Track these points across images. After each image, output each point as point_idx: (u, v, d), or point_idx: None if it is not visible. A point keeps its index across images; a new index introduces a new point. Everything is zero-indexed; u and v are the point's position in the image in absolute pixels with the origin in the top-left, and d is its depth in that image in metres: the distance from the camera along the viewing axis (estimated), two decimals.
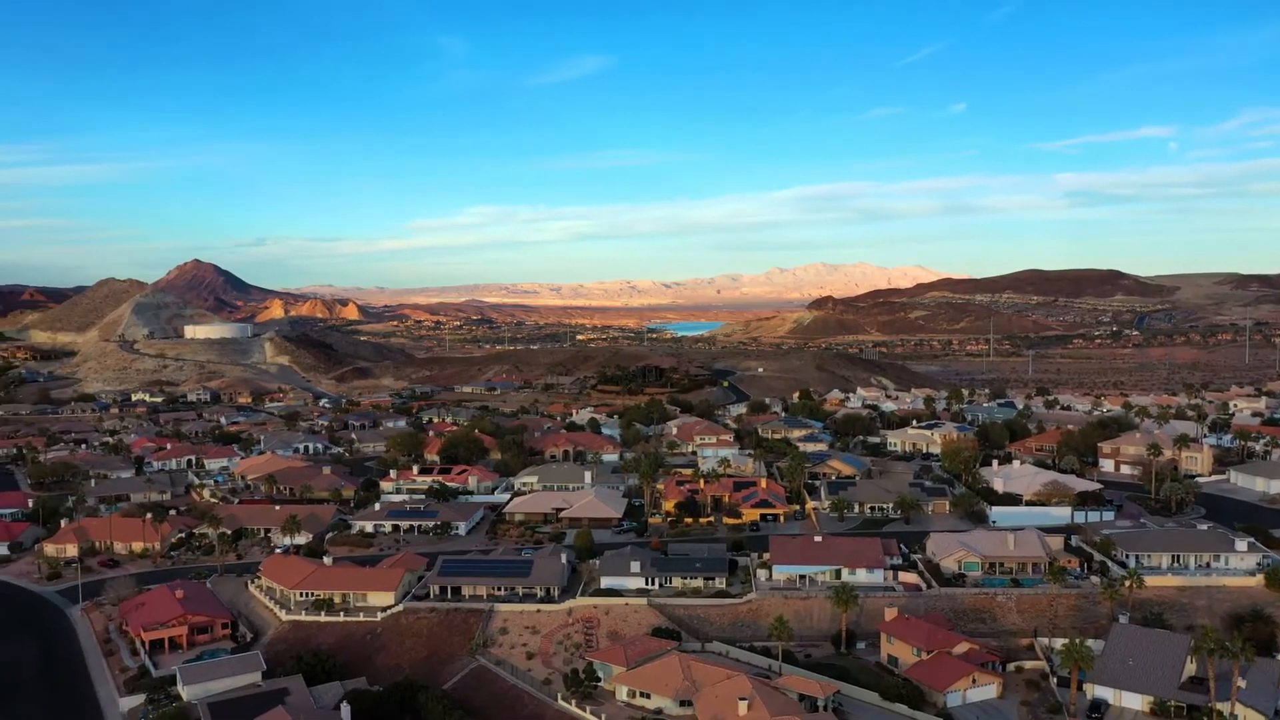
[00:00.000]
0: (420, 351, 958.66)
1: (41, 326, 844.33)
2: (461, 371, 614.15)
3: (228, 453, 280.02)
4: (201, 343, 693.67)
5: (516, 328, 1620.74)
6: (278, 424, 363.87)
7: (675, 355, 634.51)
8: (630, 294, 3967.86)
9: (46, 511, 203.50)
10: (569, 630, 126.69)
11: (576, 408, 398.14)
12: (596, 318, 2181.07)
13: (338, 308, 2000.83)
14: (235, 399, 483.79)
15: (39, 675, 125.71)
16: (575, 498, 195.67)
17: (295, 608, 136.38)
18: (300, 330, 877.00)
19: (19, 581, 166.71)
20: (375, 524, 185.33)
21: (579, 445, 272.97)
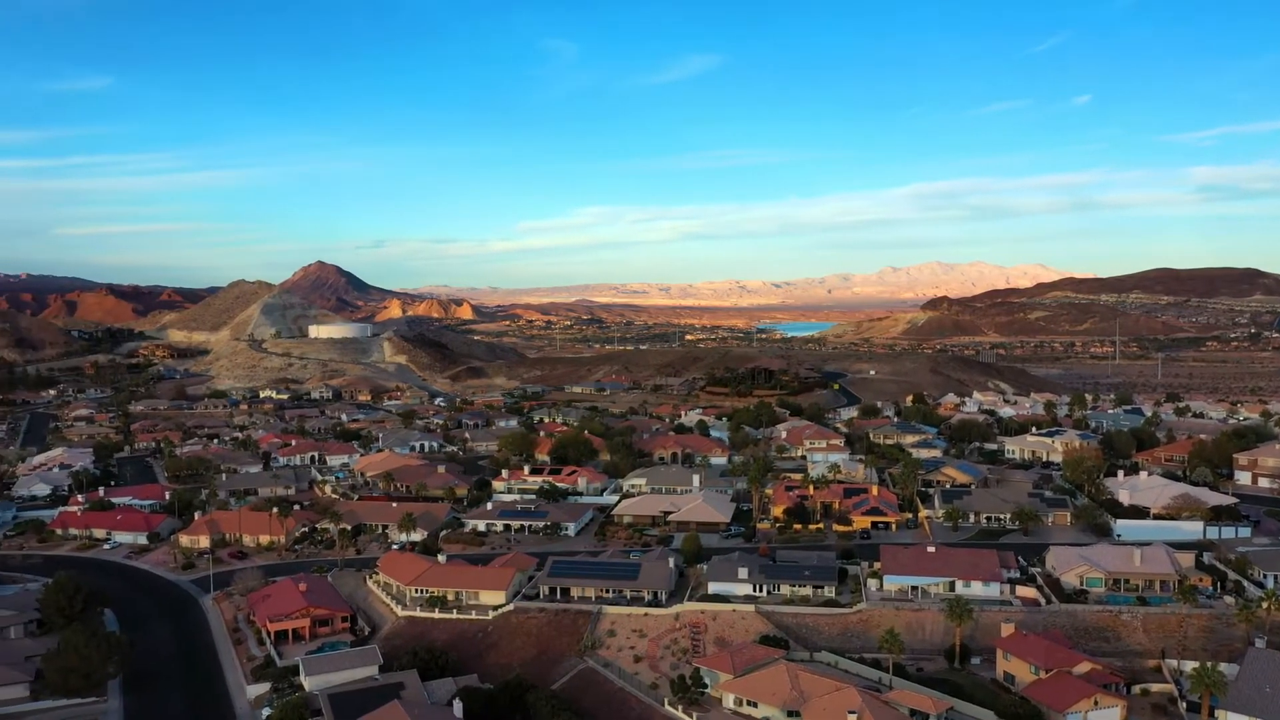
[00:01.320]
0: (531, 351, 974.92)
1: (178, 326, 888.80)
2: (571, 371, 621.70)
3: (348, 450, 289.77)
4: (324, 342, 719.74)
5: (626, 328, 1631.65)
6: (395, 422, 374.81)
7: (785, 357, 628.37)
8: (739, 294, 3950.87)
9: (182, 504, 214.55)
10: (676, 635, 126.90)
11: (685, 409, 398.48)
12: (705, 318, 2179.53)
13: (452, 308, 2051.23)
14: (355, 397, 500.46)
15: (175, 660, 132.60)
16: (683, 501, 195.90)
17: (410, 604, 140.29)
18: (417, 330, 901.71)
19: (157, 570, 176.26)
20: (487, 523, 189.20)
21: (687, 448, 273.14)
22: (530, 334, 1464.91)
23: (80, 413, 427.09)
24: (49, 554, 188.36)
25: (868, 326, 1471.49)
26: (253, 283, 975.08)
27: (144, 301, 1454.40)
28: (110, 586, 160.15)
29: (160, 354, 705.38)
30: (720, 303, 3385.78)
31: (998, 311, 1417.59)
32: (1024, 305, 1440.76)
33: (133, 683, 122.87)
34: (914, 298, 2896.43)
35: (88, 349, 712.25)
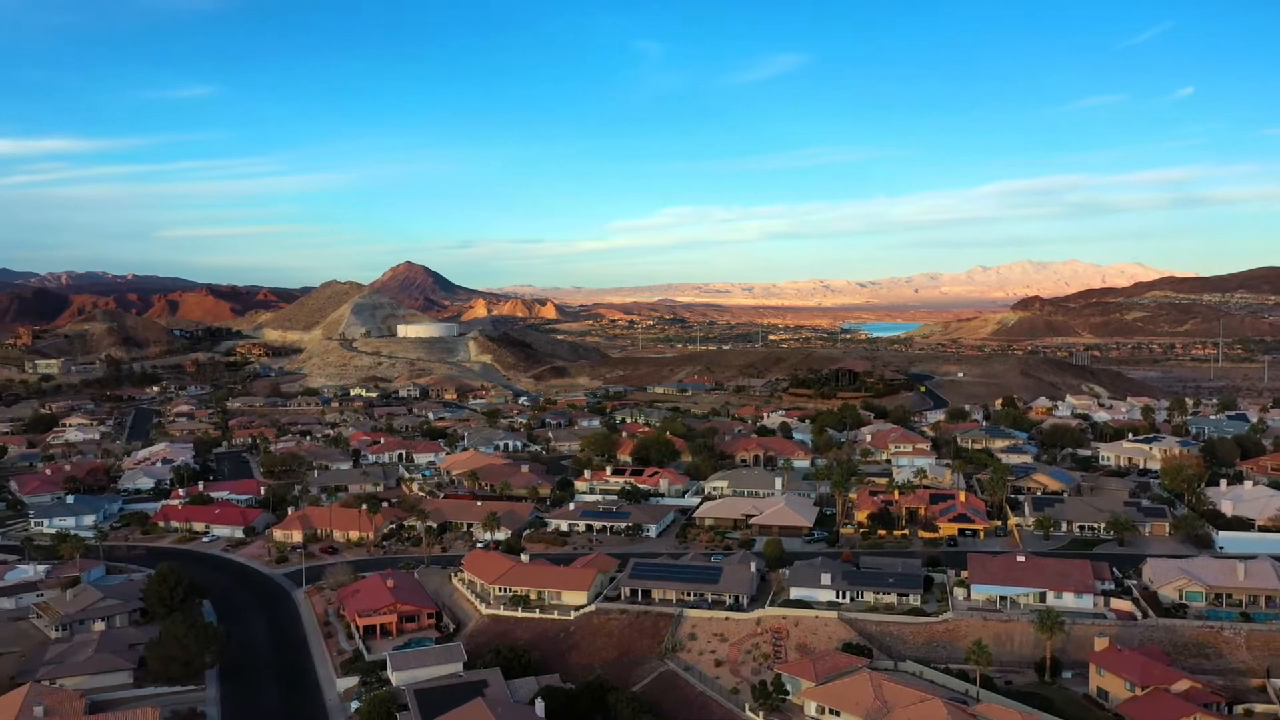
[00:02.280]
0: (614, 351, 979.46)
1: (273, 325, 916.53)
2: (654, 371, 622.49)
3: (434, 448, 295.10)
4: (412, 341, 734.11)
5: (708, 327, 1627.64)
6: (480, 421, 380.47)
7: (869, 358, 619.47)
8: (824, 293, 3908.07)
9: (276, 499, 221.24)
10: (757, 640, 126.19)
11: (767, 411, 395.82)
12: (789, 318, 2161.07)
13: (536, 307, 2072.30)
14: (442, 395, 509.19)
15: (269, 652, 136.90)
16: (765, 504, 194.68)
17: (494, 602, 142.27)
18: (501, 330, 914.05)
19: (252, 563, 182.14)
20: (570, 523, 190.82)
21: (769, 450, 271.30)
22: (613, 333, 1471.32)
23: (181, 409, 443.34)
24: (152, 545, 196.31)
25: (956, 327, 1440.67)
26: (344, 283, 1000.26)
27: (241, 301, 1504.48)
28: (209, 578, 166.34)
29: (256, 352, 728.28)
30: (804, 302, 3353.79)
31: (1093, 312, 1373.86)
32: (1121, 305, 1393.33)
33: (229, 672, 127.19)
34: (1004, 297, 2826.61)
35: (189, 347, 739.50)
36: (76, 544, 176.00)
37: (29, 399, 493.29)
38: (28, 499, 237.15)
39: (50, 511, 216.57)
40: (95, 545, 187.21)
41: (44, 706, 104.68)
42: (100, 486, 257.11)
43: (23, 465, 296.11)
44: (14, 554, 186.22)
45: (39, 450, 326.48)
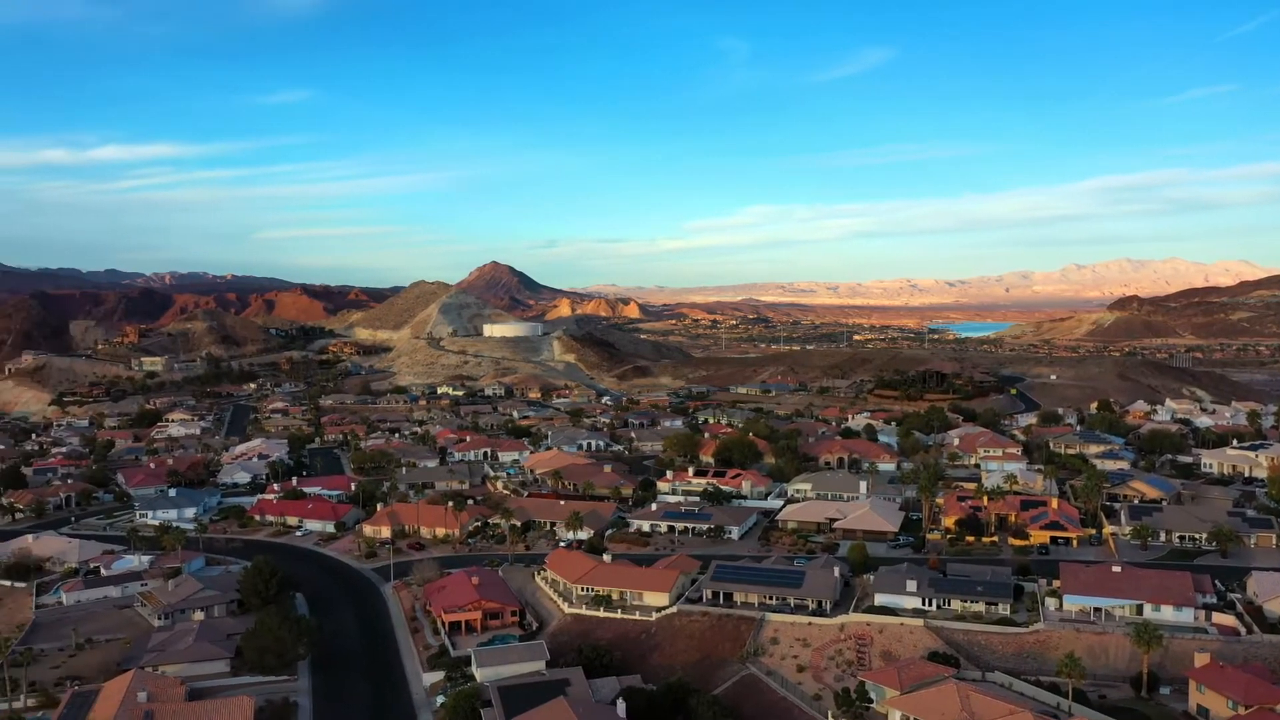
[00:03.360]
0: (697, 350, 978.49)
1: (364, 324, 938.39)
2: (737, 372, 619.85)
3: (519, 446, 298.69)
4: (498, 340, 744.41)
5: (792, 327, 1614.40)
6: (564, 420, 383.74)
7: (958, 359, 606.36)
8: (910, 293, 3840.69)
9: (366, 495, 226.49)
10: (841, 646, 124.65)
11: (852, 413, 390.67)
12: (874, 317, 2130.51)
13: (620, 306, 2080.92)
14: (526, 394, 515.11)
15: (358, 645, 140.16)
16: (849, 508, 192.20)
17: (576, 601, 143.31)
18: (585, 329, 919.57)
19: (343, 558, 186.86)
20: (652, 524, 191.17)
21: (854, 453, 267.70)
22: (696, 333, 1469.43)
23: (276, 406, 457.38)
24: (248, 539, 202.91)
25: (1049, 327, 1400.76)
26: (432, 283, 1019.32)
27: (334, 301, 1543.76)
28: (301, 571, 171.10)
29: (348, 351, 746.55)
30: (890, 302, 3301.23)
31: (1195, 312, 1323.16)
32: (1225, 305, 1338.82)
33: (320, 664, 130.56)
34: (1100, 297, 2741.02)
35: (283, 346, 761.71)
36: (178, 536, 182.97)
37: (135, 395, 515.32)
38: (134, 491, 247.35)
39: (154, 504, 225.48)
40: (195, 537, 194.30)
41: (147, 692, 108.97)
42: (200, 480, 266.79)
43: (129, 459, 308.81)
44: (120, 544, 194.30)
45: (144, 444, 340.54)
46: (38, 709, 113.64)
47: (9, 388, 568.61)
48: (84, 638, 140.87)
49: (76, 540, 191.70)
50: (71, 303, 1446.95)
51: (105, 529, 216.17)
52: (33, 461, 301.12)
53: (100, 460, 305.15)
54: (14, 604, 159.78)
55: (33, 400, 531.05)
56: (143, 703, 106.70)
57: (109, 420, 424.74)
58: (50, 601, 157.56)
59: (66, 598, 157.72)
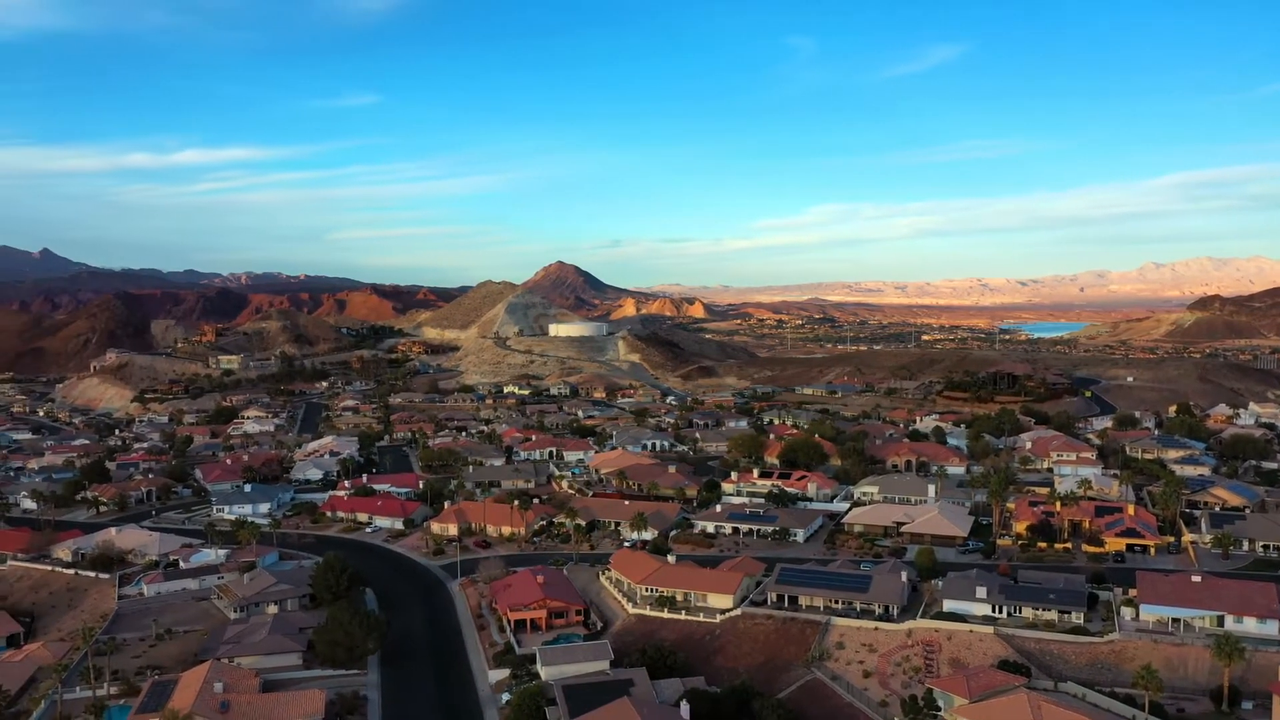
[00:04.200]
0: (762, 350, 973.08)
1: (432, 324, 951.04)
2: (802, 372, 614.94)
3: (584, 446, 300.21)
4: (563, 340, 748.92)
5: (859, 327, 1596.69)
6: (628, 420, 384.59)
7: (1030, 360, 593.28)
8: (981, 292, 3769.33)
9: (433, 493, 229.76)
10: (908, 652, 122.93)
11: (920, 414, 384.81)
12: (943, 317, 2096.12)
13: (685, 306, 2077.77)
14: (591, 393, 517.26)
15: (425, 641, 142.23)
16: (917, 512, 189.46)
17: (641, 602, 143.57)
18: (650, 329, 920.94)
19: (411, 554, 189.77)
20: (716, 525, 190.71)
21: (922, 455, 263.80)
22: (761, 333, 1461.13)
23: (347, 404, 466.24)
24: (320, 534, 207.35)
25: (1125, 328, 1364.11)
26: (499, 283, 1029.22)
27: (403, 300, 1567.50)
28: (371, 567, 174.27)
29: (416, 350, 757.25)
30: (960, 301, 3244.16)
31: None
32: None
33: (389, 658, 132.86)
34: (1179, 296, 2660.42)
35: (354, 345, 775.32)
36: (253, 530, 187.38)
37: (213, 392, 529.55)
38: (211, 487, 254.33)
39: (230, 499, 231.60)
40: (269, 532, 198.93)
41: (224, 683, 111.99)
42: (274, 476, 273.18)
43: (206, 455, 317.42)
44: (198, 538, 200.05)
45: (220, 441, 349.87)
46: (120, 697, 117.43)
47: (94, 385, 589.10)
48: (163, 628, 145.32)
49: (157, 534, 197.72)
50: (153, 302, 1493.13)
51: (184, 523, 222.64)
52: (116, 456, 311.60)
53: (179, 456, 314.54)
54: (98, 594, 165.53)
55: (116, 397, 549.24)
56: (219, 693, 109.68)
57: (187, 417, 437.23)
58: (132, 593, 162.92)
59: (147, 589, 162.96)
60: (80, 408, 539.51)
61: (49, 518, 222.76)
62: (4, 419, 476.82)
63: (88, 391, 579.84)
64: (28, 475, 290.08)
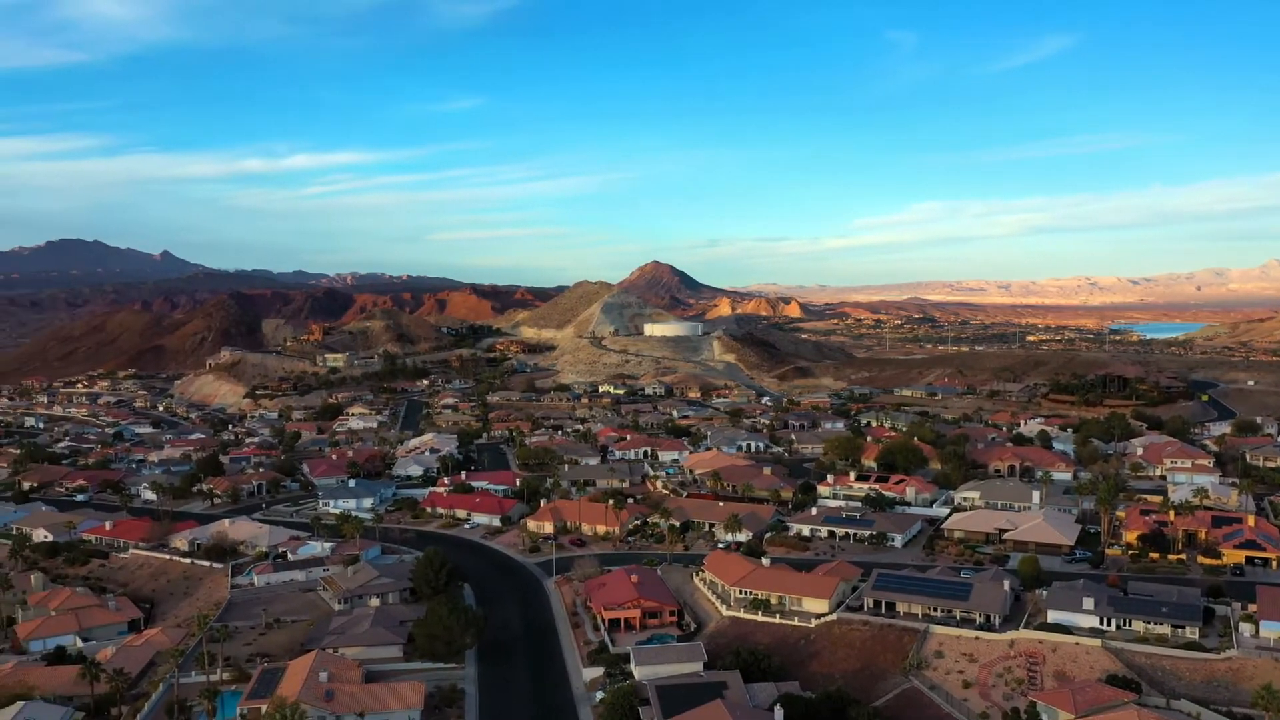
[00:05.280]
0: (859, 351, 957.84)
1: (529, 323, 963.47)
2: (901, 373, 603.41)
3: (678, 446, 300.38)
4: (658, 340, 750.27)
5: (960, 327, 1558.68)
6: (723, 420, 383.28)
7: (1142, 362, 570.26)
8: (1089, 291, 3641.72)
9: (530, 491, 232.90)
10: (1010, 663, 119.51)
11: (1024, 418, 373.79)
12: (1050, 317, 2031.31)
13: (780, 306, 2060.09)
14: (685, 393, 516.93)
15: (521, 637, 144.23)
16: (1021, 519, 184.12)
17: (734, 604, 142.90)
18: (745, 329, 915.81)
19: (507, 551, 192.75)
20: (811, 528, 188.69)
21: (1026, 460, 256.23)
22: (859, 333, 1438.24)
23: (447, 401, 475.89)
24: (420, 530, 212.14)
25: (1246, 329, 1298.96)
26: (594, 283, 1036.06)
27: (501, 300, 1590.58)
28: (469, 563, 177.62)
29: (514, 349, 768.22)
30: (1067, 301, 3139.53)
31: None
32: None
33: (485, 653, 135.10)
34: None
35: (454, 344, 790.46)
36: (356, 525, 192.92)
37: (319, 389, 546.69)
38: (317, 481, 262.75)
39: (335, 494, 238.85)
40: (372, 527, 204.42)
41: (328, 673, 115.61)
42: (377, 472, 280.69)
43: (313, 450, 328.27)
44: (305, 531, 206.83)
45: (326, 436, 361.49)
46: (231, 683, 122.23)
47: (209, 381, 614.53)
48: (272, 618, 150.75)
49: (267, 526, 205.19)
50: (263, 302, 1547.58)
51: (292, 516, 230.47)
52: (229, 451, 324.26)
53: (288, 451, 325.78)
54: (212, 583, 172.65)
55: (229, 393, 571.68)
56: (324, 682, 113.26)
57: (296, 413, 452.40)
58: (243, 582, 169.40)
59: (258, 580, 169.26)
60: (196, 403, 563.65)
61: (167, 509, 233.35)
62: (127, 413, 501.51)
63: (203, 388, 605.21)
64: (148, 468, 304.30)
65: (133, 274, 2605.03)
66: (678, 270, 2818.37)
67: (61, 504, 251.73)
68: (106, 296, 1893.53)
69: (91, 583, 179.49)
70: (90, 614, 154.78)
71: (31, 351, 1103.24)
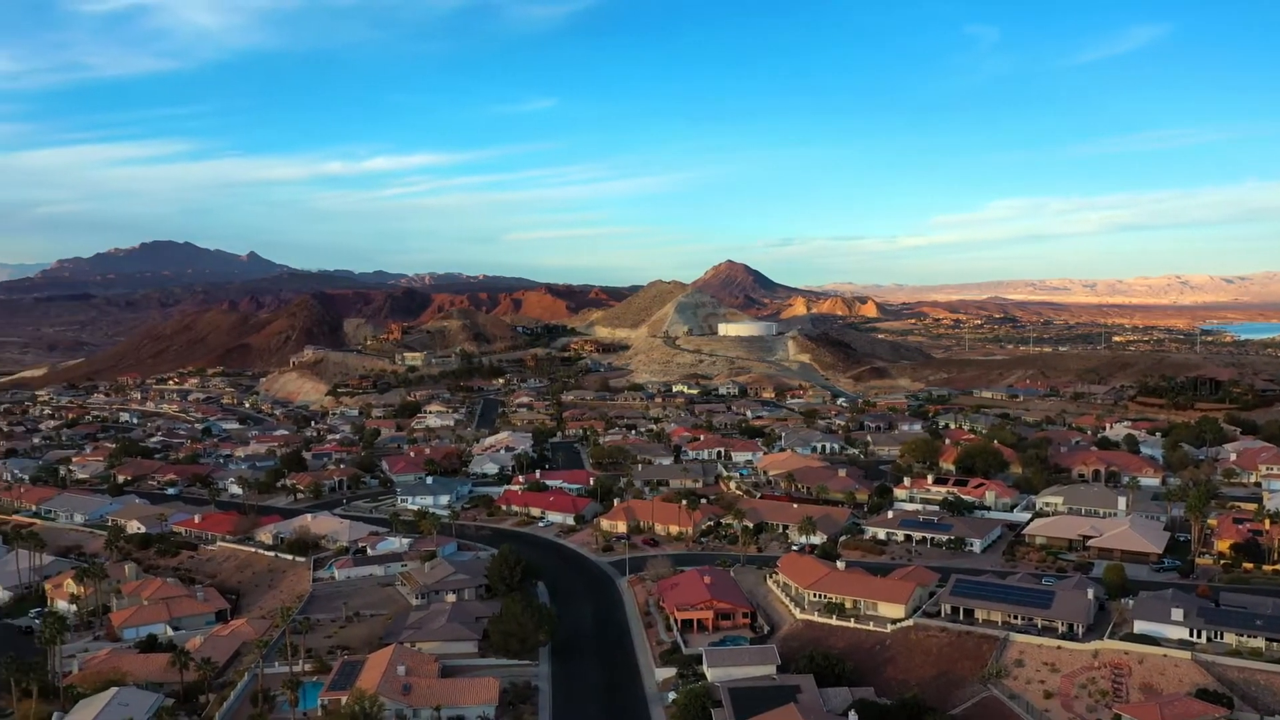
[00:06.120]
0: (938, 351, 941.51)
1: (603, 323, 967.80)
2: (980, 374, 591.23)
3: (752, 447, 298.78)
4: (732, 340, 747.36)
5: (1043, 327, 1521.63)
6: (797, 421, 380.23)
7: (1236, 364, 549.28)
8: (1179, 290, 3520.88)
9: (603, 490, 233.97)
10: (1094, 674, 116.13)
11: (1110, 421, 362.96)
12: (1137, 317, 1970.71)
13: (856, 305, 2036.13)
14: (759, 394, 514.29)
15: (594, 635, 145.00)
16: (1106, 525, 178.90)
17: (808, 607, 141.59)
18: (820, 329, 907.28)
19: (581, 549, 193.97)
20: (887, 531, 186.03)
21: (1112, 465, 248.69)
22: (937, 333, 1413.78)
23: (522, 400, 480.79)
24: (495, 527, 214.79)
25: None
26: (668, 282, 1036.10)
27: (575, 300, 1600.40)
28: (542, 561, 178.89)
29: (588, 348, 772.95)
30: (1156, 300, 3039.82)
31: None
32: None
33: (559, 651, 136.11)
34: None
35: (529, 343, 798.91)
36: (434, 521, 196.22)
37: (398, 387, 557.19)
38: (395, 478, 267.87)
39: (413, 490, 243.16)
40: (448, 523, 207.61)
41: (406, 666, 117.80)
42: (453, 469, 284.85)
43: (392, 447, 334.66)
44: (384, 526, 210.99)
45: (405, 434, 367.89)
46: (313, 674, 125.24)
47: (293, 379, 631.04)
48: (352, 611, 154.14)
49: (347, 521, 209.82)
50: (345, 302, 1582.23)
51: (371, 511, 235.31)
52: (312, 447, 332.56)
53: (368, 448, 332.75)
54: (295, 576, 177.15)
55: (312, 391, 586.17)
56: (401, 675, 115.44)
57: (375, 410, 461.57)
58: (325, 576, 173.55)
59: (338, 574, 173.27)
60: (280, 400, 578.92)
61: (253, 503, 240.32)
62: (215, 410, 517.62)
63: (287, 385, 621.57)
64: (234, 463, 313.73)
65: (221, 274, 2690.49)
66: (752, 269, 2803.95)
67: (154, 497, 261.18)
68: (196, 296, 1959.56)
69: (181, 574, 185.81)
70: (180, 604, 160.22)
71: (126, 350, 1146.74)
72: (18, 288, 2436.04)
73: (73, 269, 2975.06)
